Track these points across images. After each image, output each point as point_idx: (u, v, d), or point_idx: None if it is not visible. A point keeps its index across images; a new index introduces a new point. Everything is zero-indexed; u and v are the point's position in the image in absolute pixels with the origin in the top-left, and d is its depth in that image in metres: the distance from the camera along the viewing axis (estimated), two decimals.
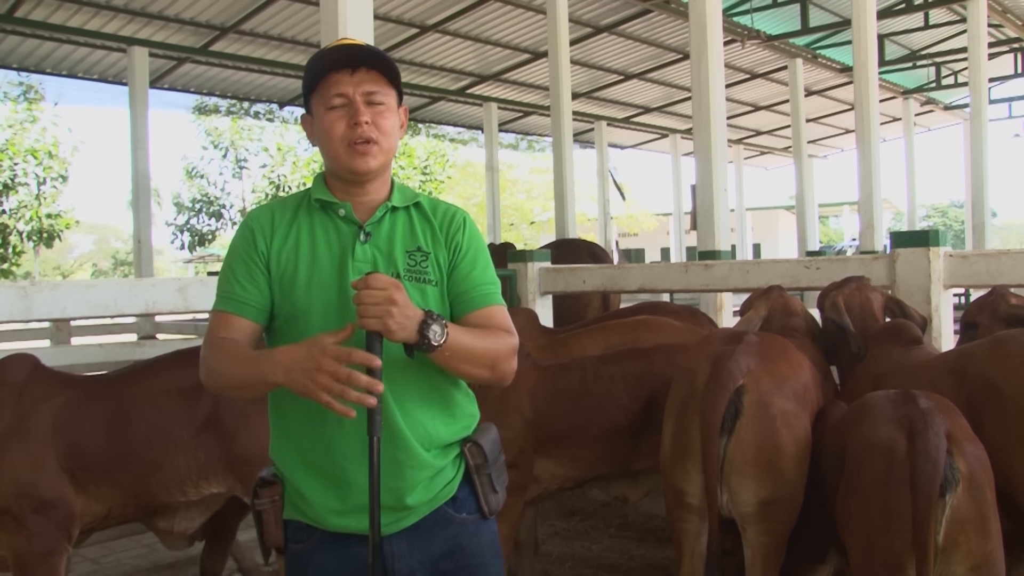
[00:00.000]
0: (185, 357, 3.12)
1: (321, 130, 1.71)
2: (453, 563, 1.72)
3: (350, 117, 1.68)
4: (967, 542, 2.04)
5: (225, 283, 1.72)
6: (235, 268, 1.72)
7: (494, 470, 1.78)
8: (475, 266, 1.76)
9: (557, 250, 7.01)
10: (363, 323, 1.52)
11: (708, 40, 6.50)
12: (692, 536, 2.66)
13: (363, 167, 1.70)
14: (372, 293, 1.50)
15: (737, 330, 3.06)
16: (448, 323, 1.59)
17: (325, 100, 1.69)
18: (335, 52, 1.69)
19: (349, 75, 1.68)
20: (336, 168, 1.73)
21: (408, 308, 1.53)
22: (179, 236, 25.40)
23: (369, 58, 1.69)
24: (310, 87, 1.71)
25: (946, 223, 43.65)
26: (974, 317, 3.46)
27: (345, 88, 1.68)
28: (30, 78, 17.81)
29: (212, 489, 3.00)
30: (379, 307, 1.50)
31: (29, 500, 2.74)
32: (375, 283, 1.51)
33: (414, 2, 11.02)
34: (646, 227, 29.78)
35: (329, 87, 1.68)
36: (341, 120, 1.68)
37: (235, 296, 1.70)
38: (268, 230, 1.74)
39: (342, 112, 1.68)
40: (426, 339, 1.54)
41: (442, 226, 1.77)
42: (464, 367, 1.65)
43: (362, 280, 1.53)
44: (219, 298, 1.73)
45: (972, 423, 2.38)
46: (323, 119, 1.70)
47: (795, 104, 14.77)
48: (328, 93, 1.69)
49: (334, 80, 1.68)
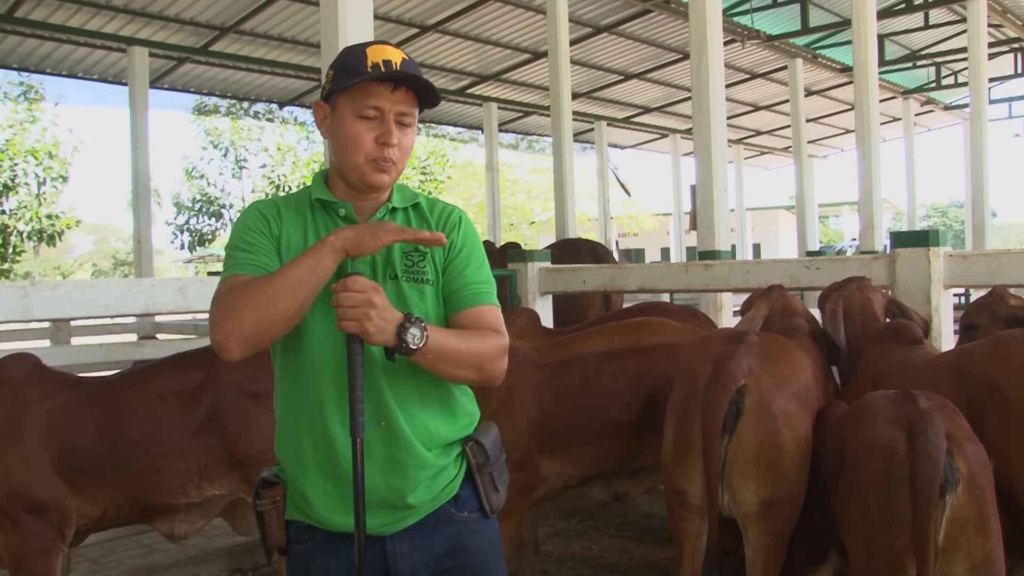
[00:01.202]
0: (183, 360, 3.13)
1: (345, 135, 1.67)
2: (455, 562, 1.73)
3: (380, 134, 1.65)
4: (967, 542, 2.04)
5: (243, 254, 1.66)
6: (251, 241, 1.67)
7: (495, 469, 1.78)
8: (468, 264, 1.74)
9: (558, 250, 7.00)
10: (341, 325, 1.52)
11: (708, 40, 6.50)
12: (693, 536, 2.66)
13: (379, 183, 1.70)
14: (350, 295, 1.50)
15: (738, 330, 3.06)
16: (429, 326, 1.57)
17: (358, 107, 1.65)
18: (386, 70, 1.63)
19: (389, 91, 1.65)
20: (349, 175, 1.71)
21: (386, 311, 1.52)
22: (179, 236, 25.43)
23: (412, 81, 1.66)
24: (344, 85, 1.65)
25: (946, 223, 43.65)
26: (973, 319, 3.46)
27: (382, 103, 1.65)
28: (30, 78, 17.83)
29: (215, 491, 3.00)
30: (357, 309, 1.49)
31: (22, 499, 2.75)
32: (354, 285, 1.51)
33: (414, 2, 11.02)
34: (646, 227, 29.79)
35: (366, 96, 1.64)
36: (370, 133, 1.66)
37: (258, 263, 1.64)
38: (278, 217, 1.72)
39: (372, 125, 1.66)
40: (404, 342, 1.52)
41: (438, 225, 1.77)
42: (448, 369, 1.64)
43: (341, 282, 1.52)
44: (237, 264, 1.64)
45: (973, 423, 2.37)
46: (350, 125, 1.66)
47: (795, 104, 14.77)
48: (364, 102, 1.65)
49: (374, 91, 1.64)
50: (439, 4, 11.18)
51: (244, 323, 1.52)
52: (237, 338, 1.52)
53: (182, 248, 26.08)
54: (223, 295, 1.58)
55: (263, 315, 1.52)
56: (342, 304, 1.50)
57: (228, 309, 1.54)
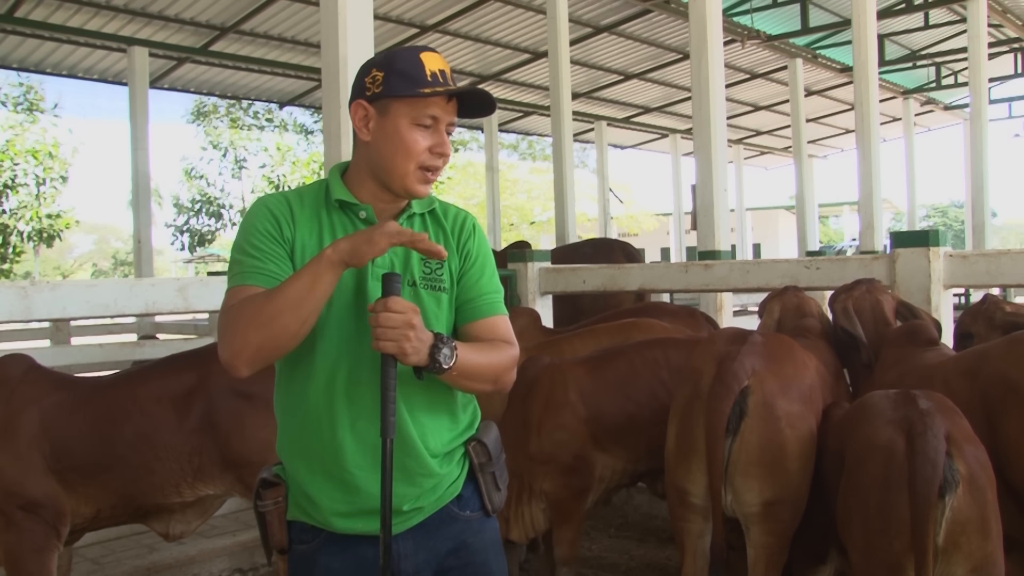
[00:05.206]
0: (178, 361, 3.14)
1: (400, 141, 1.64)
2: (457, 560, 1.73)
3: (435, 144, 1.66)
4: (967, 543, 2.04)
5: (251, 260, 1.62)
6: (259, 247, 1.62)
7: (497, 468, 1.78)
8: (483, 274, 1.75)
9: (592, 249, 7.01)
10: (379, 346, 1.50)
11: (708, 40, 6.50)
12: (695, 536, 2.66)
13: (423, 193, 1.69)
14: (391, 316, 1.48)
15: (742, 330, 3.06)
16: (456, 343, 1.58)
17: (417, 115, 1.64)
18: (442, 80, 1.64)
19: (446, 101, 1.66)
20: (393, 182, 1.67)
21: (423, 332, 1.52)
22: (179, 237, 25.43)
23: (467, 96, 1.69)
24: (406, 92, 1.63)
25: (946, 223, 43.63)
26: (969, 327, 3.45)
27: (439, 113, 1.65)
28: (30, 79, 17.85)
29: (208, 490, 3.02)
30: (397, 331, 1.48)
31: (17, 498, 2.79)
32: (395, 306, 1.49)
33: (414, 2, 11.02)
34: (646, 227, 29.79)
35: (427, 105, 1.64)
36: (425, 141, 1.65)
37: (268, 272, 1.60)
38: (290, 219, 1.67)
39: (428, 133, 1.65)
40: (437, 362, 1.53)
41: (453, 231, 1.76)
42: (469, 384, 1.66)
43: (381, 302, 1.50)
44: (245, 274, 1.61)
45: (988, 424, 2.36)
46: (408, 132, 1.64)
47: (795, 104, 14.77)
48: (424, 111, 1.64)
49: (433, 100, 1.64)
50: (439, 4, 11.18)
51: (249, 342, 1.51)
52: (243, 357, 1.52)
53: (182, 249, 26.09)
54: (228, 311, 1.57)
55: (266, 333, 1.51)
56: (382, 324, 1.49)
57: (233, 328, 1.53)
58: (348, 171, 1.75)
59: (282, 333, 1.51)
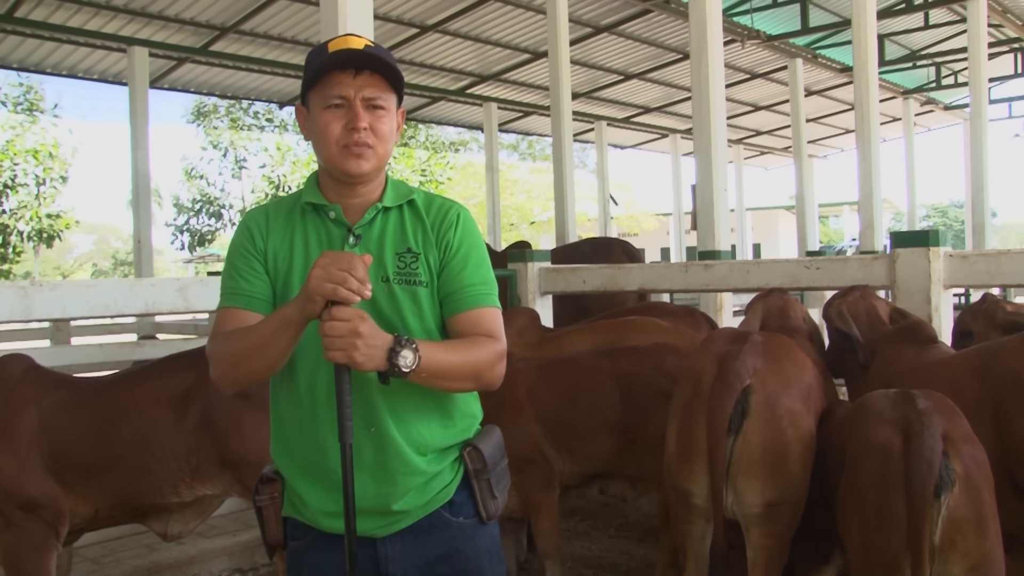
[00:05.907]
0: (177, 362, 3.16)
1: (317, 128, 1.67)
2: (450, 567, 1.71)
3: (348, 120, 1.64)
4: (964, 542, 2.05)
5: (230, 280, 1.71)
6: (237, 265, 1.71)
7: (494, 475, 1.74)
8: (466, 265, 1.70)
9: (591, 248, 7.00)
10: (328, 355, 1.50)
11: (708, 40, 6.50)
12: (697, 538, 2.65)
13: (356, 169, 1.67)
14: (335, 325, 1.47)
15: (741, 330, 3.06)
16: (421, 343, 1.54)
17: (324, 99, 1.65)
18: (340, 54, 1.63)
19: (352, 77, 1.63)
20: (329, 168, 1.70)
21: (374, 337, 1.49)
22: (179, 237, 25.43)
23: (373, 62, 1.64)
24: (311, 82, 1.66)
25: (946, 223, 43.61)
26: (969, 326, 3.45)
27: (346, 90, 1.64)
28: (30, 79, 17.85)
29: (206, 490, 3.03)
30: (344, 339, 1.47)
31: (15, 498, 2.79)
32: (339, 315, 1.48)
33: (414, 2, 11.01)
34: (646, 227, 29.79)
35: (330, 86, 1.64)
36: (338, 121, 1.65)
37: (241, 291, 1.69)
38: (264, 229, 1.72)
39: (340, 113, 1.65)
40: (396, 366, 1.51)
41: (434, 224, 1.72)
42: (444, 383, 1.63)
43: (326, 312, 1.49)
44: (225, 295, 1.71)
45: (996, 423, 2.35)
46: (320, 117, 1.66)
47: (795, 104, 14.76)
48: (328, 93, 1.64)
49: (336, 80, 1.63)
50: (439, 4, 11.17)
51: (228, 372, 1.64)
52: (227, 381, 1.66)
53: (182, 249, 26.10)
54: (212, 340, 1.68)
55: (242, 368, 1.62)
56: (327, 334, 1.48)
57: (214, 359, 1.65)
58: (319, 174, 1.78)
59: (256, 369, 1.62)
